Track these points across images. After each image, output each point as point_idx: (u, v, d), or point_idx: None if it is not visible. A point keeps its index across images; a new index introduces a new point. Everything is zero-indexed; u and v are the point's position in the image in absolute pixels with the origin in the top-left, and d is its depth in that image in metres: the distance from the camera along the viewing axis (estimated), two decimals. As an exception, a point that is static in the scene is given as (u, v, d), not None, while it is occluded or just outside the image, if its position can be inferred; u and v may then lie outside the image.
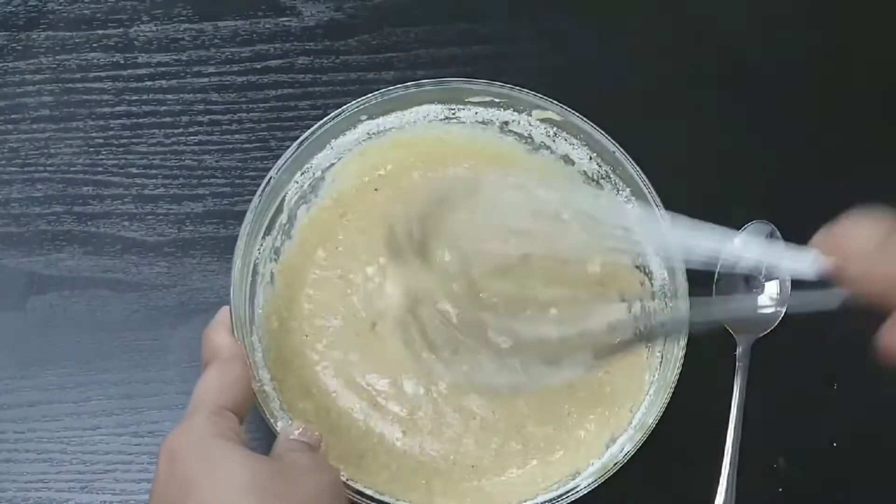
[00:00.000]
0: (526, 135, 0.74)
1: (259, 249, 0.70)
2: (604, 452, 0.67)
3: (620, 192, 0.72)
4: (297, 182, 0.72)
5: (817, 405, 0.75)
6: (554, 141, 0.74)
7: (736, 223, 0.77)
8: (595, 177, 0.73)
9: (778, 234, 0.77)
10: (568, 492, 0.64)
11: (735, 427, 0.71)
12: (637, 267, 0.72)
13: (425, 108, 0.74)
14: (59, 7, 0.83)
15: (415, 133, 0.74)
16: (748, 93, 0.84)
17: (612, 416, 0.69)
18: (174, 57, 0.82)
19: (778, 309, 0.76)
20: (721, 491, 0.70)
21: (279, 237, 0.72)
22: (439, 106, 0.74)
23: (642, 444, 0.65)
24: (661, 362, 0.68)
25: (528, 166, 0.75)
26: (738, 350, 0.74)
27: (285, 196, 0.71)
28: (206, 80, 0.82)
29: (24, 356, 0.74)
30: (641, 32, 0.85)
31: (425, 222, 0.65)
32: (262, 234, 0.70)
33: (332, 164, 0.73)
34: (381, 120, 0.73)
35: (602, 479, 0.64)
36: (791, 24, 0.86)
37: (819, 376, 0.76)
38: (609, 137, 0.72)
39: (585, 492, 0.64)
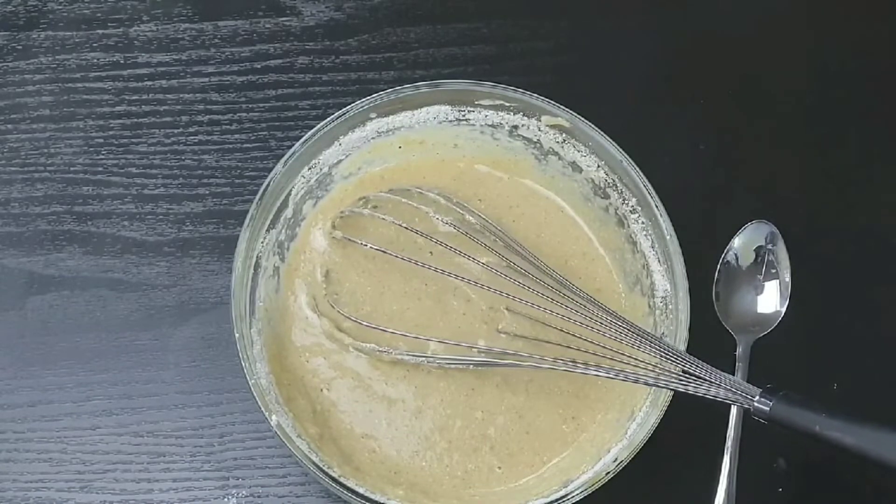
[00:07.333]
0: (535, 140, 0.74)
1: (262, 243, 0.70)
2: (597, 461, 0.67)
3: (626, 202, 0.72)
4: (304, 177, 0.72)
5: (817, 405, 0.75)
6: (562, 147, 0.74)
7: (736, 223, 0.77)
8: (602, 185, 0.73)
9: (778, 233, 0.77)
10: (559, 500, 0.64)
11: (735, 427, 0.71)
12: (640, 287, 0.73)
13: (435, 108, 0.74)
14: (59, 7, 0.83)
15: (424, 133, 0.74)
16: (749, 93, 0.84)
17: (608, 425, 0.69)
18: (174, 57, 0.82)
19: (778, 309, 0.76)
20: (721, 491, 0.70)
21: (284, 231, 0.72)
22: (449, 107, 0.74)
23: (643, 446, 0.65)
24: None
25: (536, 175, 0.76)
26: (738, 350, 0.74)
27: (291, 191, 0.71)
28: (206, 80, 0.82)
29: (24, 356, 0.74)
30: (641, 33, 0.85)
31: None
32: (266, 227, 0.70)
33: (340, 161, 0.73)
34: (390, 119, 0.73)
35: (592, 490, 0.64)
36: (791, 24, 0.86)
37: (819, 376, 0.76)
38: (617, 146, 0.71)
39: (576, 499, 0.64)
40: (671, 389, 0.64)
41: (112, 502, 0.71)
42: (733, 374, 0.73)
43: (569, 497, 0.64)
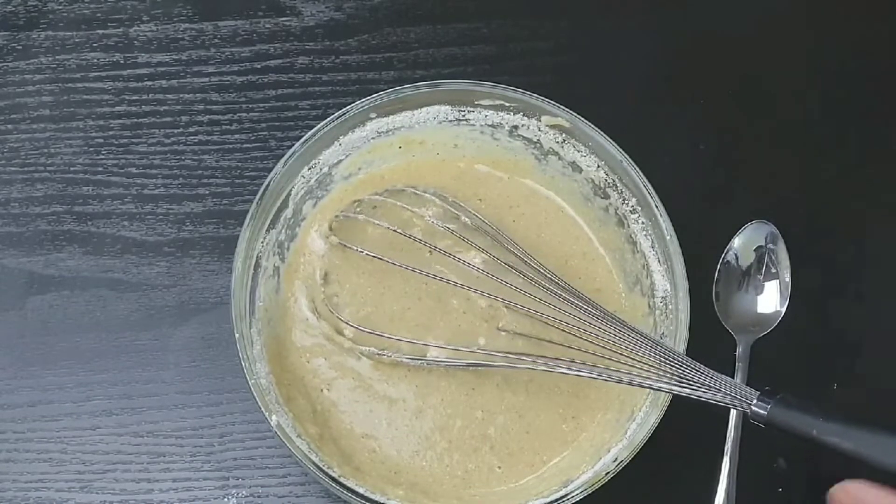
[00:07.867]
0: (535, 140, 0.74)
1: (262, 243, 0.70)
2: (597, 461, 0.67)
3: (626, 202, 0.72)
4: (304, 177, 0.72)
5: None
6: (562, 147, 0.74)
7: (736, 223, 0.77)
8: (602, 185, 0.73)
9: (778, 233, 0.77)
10: (559, 500, 0.64)
11: (735, 427, 0.71)
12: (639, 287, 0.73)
13: (435, 108, 0.74)
14: (59, 7, 0.83)
15: (424, 133, 0.74)
16: (749, 93, 0.84)
17: (608, 425, 0.69)
18: (174, 57, 0.82)
19: (778, 309, 0.76)
20: (721, 491, 0.70)
21: (284, 231, 0.72)
22: (449, 107, 0.74)
23: (643, 446, 0.65)
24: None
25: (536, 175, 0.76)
26: (738, 350, 0.74)
27: (291, 191, 0.71)
28: (206, 80, 0.82)
29: (24, 356, 0.74)
30: (641, 33, 0.85)
31: None
32: (266, 227, 0.70)
33: (340, 161, 0.73)
34: (390, 119, 0.73)
35: (592, 490, 0.64)
36: (791, 24, 0.86)
37: (819, 376, 0.76)
38: (617, 146, 0.71)
39: (576, 499, 0.64)
40: (668, 393, 0.64)
41: (112, 502, 0.71)
42: (733, 375, 0.73)
43: (569, 497, 0.64)
